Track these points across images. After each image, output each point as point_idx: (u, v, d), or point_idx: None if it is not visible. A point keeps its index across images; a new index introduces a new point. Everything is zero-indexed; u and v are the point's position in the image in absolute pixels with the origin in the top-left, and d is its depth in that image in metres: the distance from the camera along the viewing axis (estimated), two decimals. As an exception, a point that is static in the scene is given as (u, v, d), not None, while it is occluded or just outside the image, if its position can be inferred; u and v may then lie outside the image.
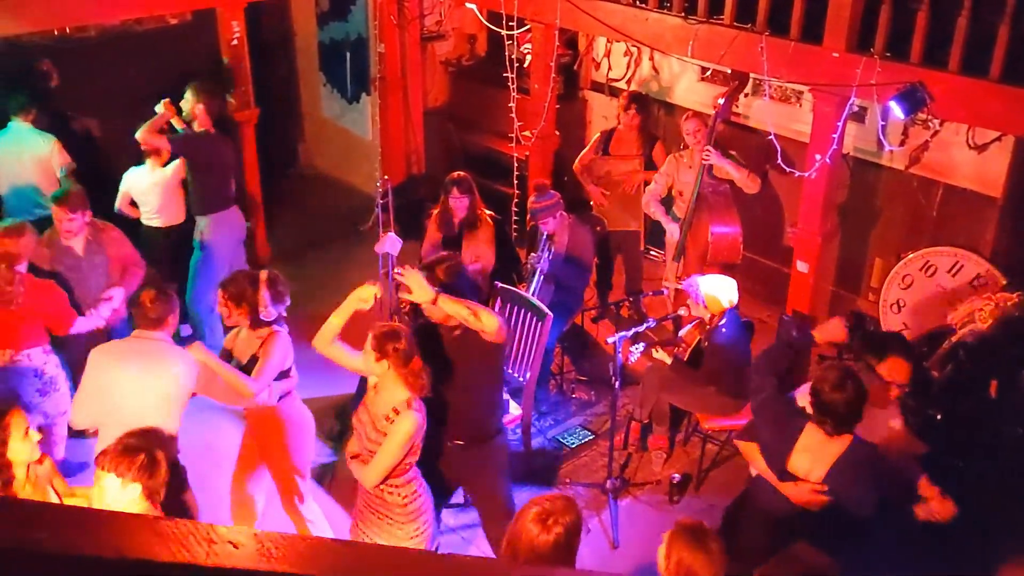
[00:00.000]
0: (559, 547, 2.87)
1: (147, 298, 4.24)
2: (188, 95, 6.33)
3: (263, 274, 4.54)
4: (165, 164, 6.42)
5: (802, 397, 4.03)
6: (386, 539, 3.98)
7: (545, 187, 6.17)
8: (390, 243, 6.10)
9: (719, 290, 5.24)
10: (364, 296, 4.17)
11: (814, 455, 3.77)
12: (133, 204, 6.53)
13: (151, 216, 6.50)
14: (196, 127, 6.36)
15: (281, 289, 4.55)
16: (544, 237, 6.10)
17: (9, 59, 7.05)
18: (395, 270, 4.29)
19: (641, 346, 5.46)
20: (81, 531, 0.94)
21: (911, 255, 6.29)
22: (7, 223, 5.11)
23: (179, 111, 6.41)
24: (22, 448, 3.42)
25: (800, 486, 3.79)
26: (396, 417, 3.83)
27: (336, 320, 4.21)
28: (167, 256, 6.54)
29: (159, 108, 6.33)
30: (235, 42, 7.16)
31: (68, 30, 7.24)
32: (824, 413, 3.65)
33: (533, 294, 5.93)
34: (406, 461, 3.88)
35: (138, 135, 6.18)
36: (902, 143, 6.34)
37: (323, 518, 4.91)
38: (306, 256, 8.21)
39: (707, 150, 6.10)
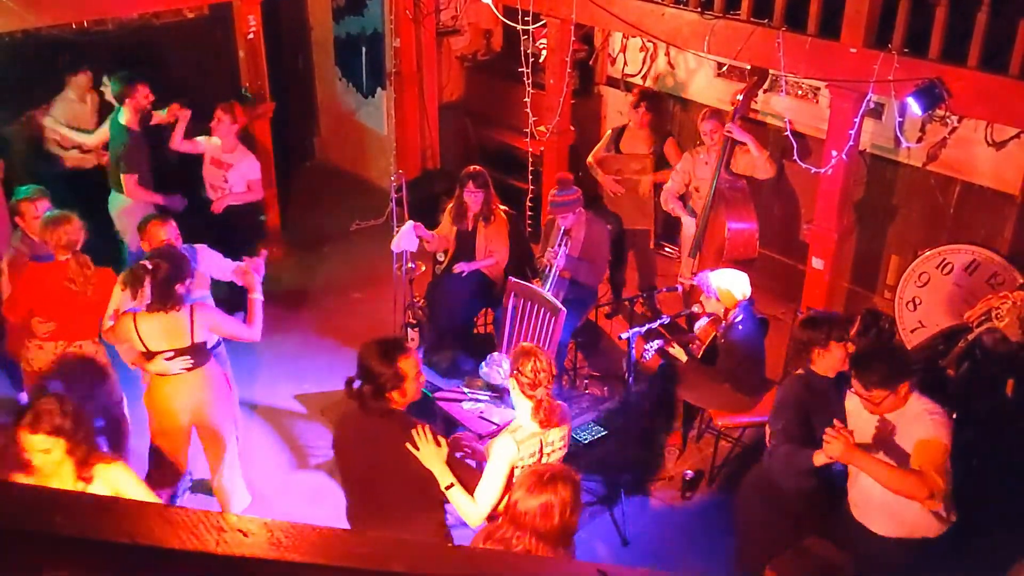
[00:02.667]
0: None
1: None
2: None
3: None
4: None
5: None
6: None
7: (568, 181, 6.14)
8: (406, 240, 6.11)
9: (731, 283, 5.21)
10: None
11: None
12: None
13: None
14: (124, 120, 6.45)
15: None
16: (561, 232, 6.09)
17: (28, 52, 7.11)
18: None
19: (655, 344, 5.44)
20: (94, 516, 0.94)
21: (928, 252, 6.25)
22: (53, 214, 4.97)
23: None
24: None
25: None
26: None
27: None
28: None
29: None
30: (251, 36, 7.19)
31: (86, 23, 7.30)
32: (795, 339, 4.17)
33: (548, 290, 5.93)
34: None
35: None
36: (920, 140, 6.30)
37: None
38: (321, 250, 8.25)
39: (729, 127, 6.08)
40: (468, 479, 3.64)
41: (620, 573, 2.17)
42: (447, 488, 3.56)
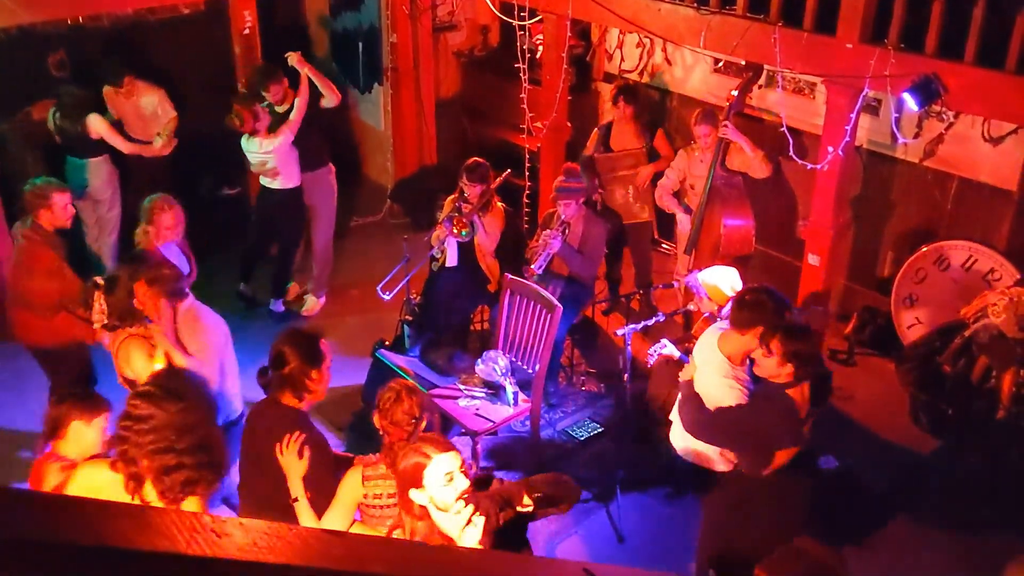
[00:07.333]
0: None
1: None
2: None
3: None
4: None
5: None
6: None
7: (575, 171, 6.17)
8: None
9: (719, 280, 5.14)
10: None
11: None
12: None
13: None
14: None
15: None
16: (560, 222, 6.08)
17: (23, 48, 7.09)
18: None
19: (659, 347, 5.34)
20: (61, 518, 0.93)
21: (925, 248, 6.24)
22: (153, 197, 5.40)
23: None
24: None
25: None
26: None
27: None
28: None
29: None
30: (247, 32, 7.18)
31: (81, 19, 7.28)
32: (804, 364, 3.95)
33: (538, 269, 5.92)
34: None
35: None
36: (916, 136, 6.28)
37: None
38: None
39: (724, 125, 6.07)
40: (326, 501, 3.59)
41: (606, 571, 2.15)
42: (293, 501, 3.58)
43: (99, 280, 4.41)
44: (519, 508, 3.03)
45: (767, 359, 3.84)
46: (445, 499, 2.82)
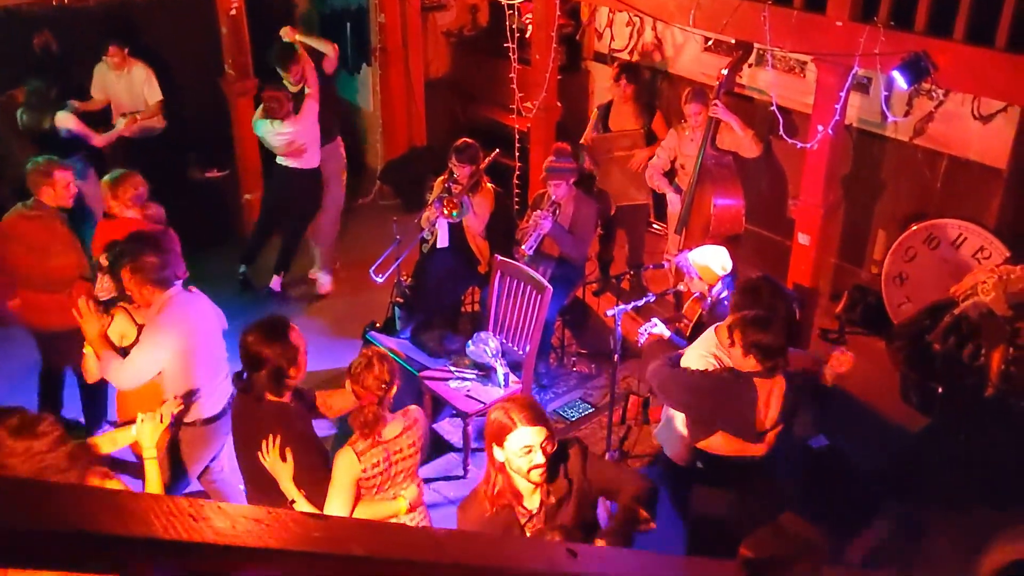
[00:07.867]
0: None
1: None
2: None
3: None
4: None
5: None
6: None
7: (565, 151, 6.15)
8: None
9: (709, 259, 5.11)
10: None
11: (772, 403, 3.89)
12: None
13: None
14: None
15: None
16: (551, 203, 6.07)
17: (8, 29, 7.03)
18: None
19: (648, 326, 5.31)
20: (36, 504, 0.92)
21: (915, 227, 6.25)
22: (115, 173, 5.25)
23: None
24: None
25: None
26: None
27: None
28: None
29: None
30: (234, 12, 7.12)
31: (67, 0, 7.21)
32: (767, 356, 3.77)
33: (528, 248, 5.91)
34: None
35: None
36: (906, 114, 6.27)
37: None
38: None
39: (714, 104, 6.06)
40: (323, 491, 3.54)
41: (590, 552, 2.16)
42: (290, 503, 3.54)
43: (102, 261, 4.47)
44: (646, 528, 3.12)
45: (732, 348, 3.86)
46: (519, 466, 2.92)
